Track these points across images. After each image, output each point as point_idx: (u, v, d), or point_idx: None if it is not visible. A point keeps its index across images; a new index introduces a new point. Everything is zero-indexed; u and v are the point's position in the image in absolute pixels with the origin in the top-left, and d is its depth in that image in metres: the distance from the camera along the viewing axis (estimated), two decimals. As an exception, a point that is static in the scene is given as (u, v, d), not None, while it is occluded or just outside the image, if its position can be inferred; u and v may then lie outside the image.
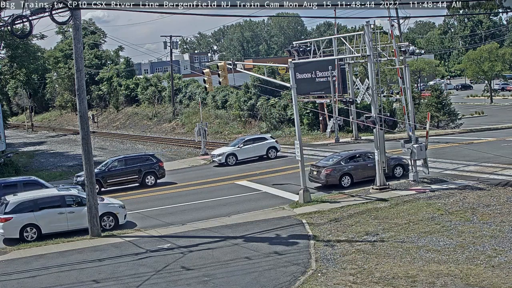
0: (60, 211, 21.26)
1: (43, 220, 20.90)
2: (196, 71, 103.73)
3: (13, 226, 20.61)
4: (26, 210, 20.93)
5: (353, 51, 29.87)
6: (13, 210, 20.75)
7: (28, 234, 20.75)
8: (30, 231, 20.80)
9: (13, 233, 20.73)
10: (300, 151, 23.31)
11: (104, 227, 21.35)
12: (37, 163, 46.42)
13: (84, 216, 20.89)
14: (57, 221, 21.12)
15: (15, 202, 20.97)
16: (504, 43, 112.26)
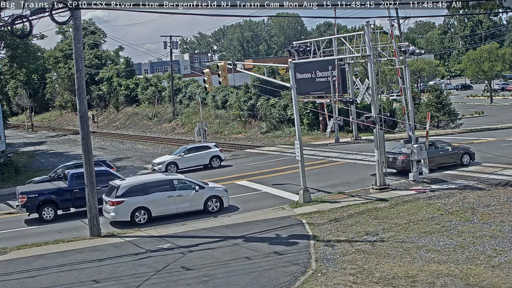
0: (169, 194, 22.35)
1: (153, 203, 21.94)
2: (196, 71, 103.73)
3: (125, 210, 21.60)
4: (137, 194, 21.91)
5: (353, 51, 29.86)
6: (124, 194, 21.71)
7: (139, 217, 21.83)
8: (140, 214, 21.85)
9: (124, 216, 21.76)
10: (300, 151, 23.31)
11: (210, 210, 22.82)
12: (37, 163, 46.44)
13: (191, 199, 22.55)
14: (166, 204, 22.24)
15: (126, 186, 21.98)
16: (504, 43, 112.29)
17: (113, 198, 21.67)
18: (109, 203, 21.82)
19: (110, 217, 21.97)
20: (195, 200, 22.69)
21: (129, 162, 43.65)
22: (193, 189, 22.79)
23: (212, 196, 23.08)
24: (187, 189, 22.72)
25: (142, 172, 36.76)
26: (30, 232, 22.21)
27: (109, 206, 21.80)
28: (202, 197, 22.83)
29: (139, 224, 21.60)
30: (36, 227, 23.00)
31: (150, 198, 22.00)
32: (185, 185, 22.88)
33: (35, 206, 23.41)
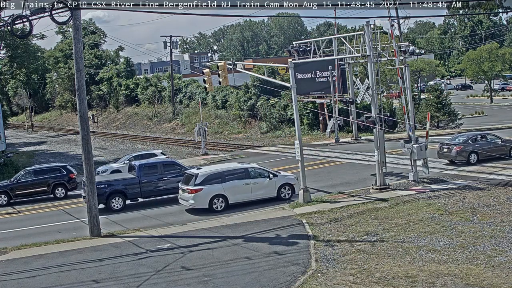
0: (245, 182, 23.51)
1: (230, 191, 23.04)
2: (196, 71, 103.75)
3: (203, 197, 22.68)
4: (215, 182, 22.99)
5: (353, 51, 29.85)
6: (203, 182, 22.78)
7: (217, 205, 22.90)
8: (218, 201, 22.91)
9: (203, 203, 22.85)
10: (300, 151, 23.31)
11: (282, 197, 24.12)
12: (37, 163, 46.38)
13: (266, 186, 23.81)
14: (242, 192, 23.39)
15: (204, 174, 23.07)
16: (504, 43, 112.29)
17: (192, 186, 22.70)
18: (187, 191, 22.87)
19: (188, 205, 23.13)
20: (269, 187, 23.94)
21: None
22: (267, 177, 24.02)
23: (285, 184, 24.38)
24: (261, 177, 23.96)
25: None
26: (30, 232, 22.22)
27: (188, 194, 22.87)
28: (275, 185, 24.10)
29: (217, 211, 22.66)
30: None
31: (227, 186, 23.10)
32: (260, 173, 24.15)
33: (104, 196, 24.19)
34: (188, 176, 23.54)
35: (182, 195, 23.42)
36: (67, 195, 29.35)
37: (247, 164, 25.32)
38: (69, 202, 27.85)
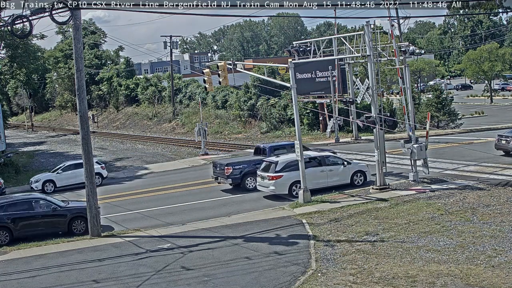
0: (321, 169, 24.68)
1: (308, 178, 23.42)
2: (196, 71, 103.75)
3: (283, 183, 23.85)
4: (294, 169, 23.81)
5: (353, 51, 29.86)
6: (283, 169, 23.93)
7: (296, 191, 23.75)
8: (297, 188, 23.80)
9: (282, 189, 24.05)
10: (300, 151, 23.31)
11: (355, 184, 25.22)
12: (37, 163, 46.43)
13: (340, 173, 24.97)
14: (319, 178, 24.46)
15: (284, 162, 24.17)
16: (504, 43, 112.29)
17: (272, 173, 23.86)
18: (268, 178, 24.01)
19: (269, 191, 24.24)
20: (344, 174, 25.10)
21: (129, 162, 43.65)
22: (341, 164, 25.18)
23: (358, 171, 25.54)
24: (336, 165, 25.01)
25: (142, 172, 36.81)
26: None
27: (268, 181, 24.03)
28: (349, 172, 25.20)
29: (296, 197, 23.44)
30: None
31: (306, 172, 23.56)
32: (335, 161, 25.21)
33: (239, 176, 26.12)
34: (267, 163, 24.61)
35: (261, 182, 24.62)
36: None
37: (323, 152, 26.62)
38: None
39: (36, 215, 21.21)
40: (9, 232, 20.94)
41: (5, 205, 21.40)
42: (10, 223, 20.90)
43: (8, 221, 20.89)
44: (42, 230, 21.17)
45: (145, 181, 33.63)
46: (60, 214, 21.60)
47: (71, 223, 21.60)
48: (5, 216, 20.94)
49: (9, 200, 22.03)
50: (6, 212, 21.03)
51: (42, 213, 21.41)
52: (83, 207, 21.68)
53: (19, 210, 21.17)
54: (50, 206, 21.61)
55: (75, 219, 21.60)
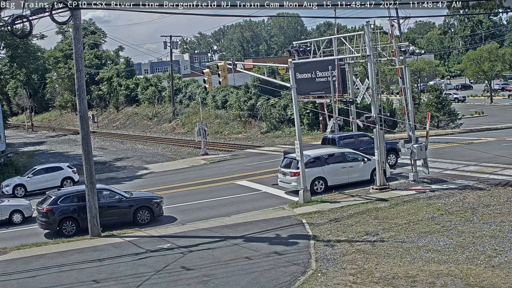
0: (342, 165, 25.01)
1: (329, 174, 24.49)
2: (196, 71, 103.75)
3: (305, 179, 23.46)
4: (315, 165, 24.42)
5: (353, 51, 29.80)
6: (305, 165, 23.76)
7: (317, 186, 24.38)
8: (318, 183, 24.38)
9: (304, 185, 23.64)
10: (300, 151, 23.30)
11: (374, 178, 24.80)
12: (37, 163, 46.34)
13: (361, 170, 25.23)
14: (340, 174, 24.81)
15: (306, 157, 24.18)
16: (504, 43, 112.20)
17: (294, 169, 23.94)
18: (290, 174, 24.25)
19: (291, 187, 24.47)
20: (364, 170, 25.29)
21: (129, 162, 43.65)
22: (361, 161, 25.39)
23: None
24: (357, 161, 25.21)
25: (142, 172, 36.80)
26: (30, 232, 22.22)
27: (290, 177, 24.25)
28: (369, 168, 25.21)
29: (317, 193, 23.96)
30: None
31: (326, 169, 24.59)
32: (355, 157, 25.37)
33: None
34: (289, 160, 24.78)
35: (283, 178, 24.92)
36: None
37: (343, 149, 26.77)
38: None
39: (102, 205, 21.41)
40: (76, 223, 21.42)
41: (72, 196, 21.83)
42: (77, 214, 21.30)
43: (74, 212, 21.34)
44: (107, 221, 21.52)
45: (145, 181, 33.63)
46: (126, 205, 22.12)
47: (136, 213, 22.10)
48: (72, 207, 21.40)
49: (76, 191, 22.33)
50: (72, 203, 21.54)
51: (108, 204, 21.88)
52: (147, 197, 22.76)
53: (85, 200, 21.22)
54: (115, 196, 22.17)
55: (140, 209, 22.14)
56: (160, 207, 22.64)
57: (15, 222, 23.93)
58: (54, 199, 21.52)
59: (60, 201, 21.44)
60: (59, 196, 21.75)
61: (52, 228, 21.46)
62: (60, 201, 21.46)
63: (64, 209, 21.27)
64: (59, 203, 21.39)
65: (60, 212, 21.23)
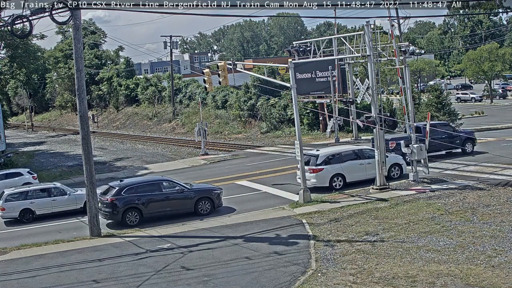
0: (360, 162, 25.48)
1: (347, 170, 25.01)
2: (196, 71, 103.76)
3: (324, 176, 24.74)
4: (334, 162, 25.03)
5: (353, 51, 29.86)
6: (324, 162, 24.87)
7: (336, 183, 24.88)
8: (337, 180, 24.88)
9: (323, 182, 24.86)
10: (300, 151, 23.30)
11: (392, 176, 25.84)
12: (37, 163, 46.40)
13: None
14: (358, 171, 25.27)
15: (324, 155, 25.24)
16: (504, 43, 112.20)
17: (314, 166, 24.65)
18: (309, 171, 24.48)
19: (310, 184, 24.43)
20: None
21: (129, 162, 43.63)
22: None
23: (395, 164, 26.19)
24: (374, 158, 24.90)
25: (142, 172, 36.77)
26: (30, 232, 22.23)
27: (310, 174, 24.51)
28: (386, 165, 25.45)
29: (336, 189, 24.55)
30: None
31: (345, 166, 25.08)
32: (372, 154, 25.29)
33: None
34: (308, 157, 25.10)
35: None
36: None
37: (360, 146, 27.81)
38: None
39: (165, 196, 22.22)
40: (139, 213, 21.96)
41: (135, 187, 22.31)
42: (141, 204, 21.88)
43: (138, 202, 21.88)
44: (170, 211, 22.27)
45: (145, 181, 33.55)
46: (187, 195, 22.71)
47: (197, 204, 22.69)
48: (136, 198, 21.91)
49: (139, 182, 23.18)
50: (137, 193, 22.06)
51: (171, 195, 22.49)
52: (208, 188, 23.66)
53: (148, 191, 22.19)
54: (176, 187, 22.79)
55: (201, 200, 22.74)
56: (219, 198, 23.29)
57: None
58: (118, 190, 22.09)
59: (124, 192, 21.98)
60: (123, 187, 22.28)
61: (116, 219, 21.96)
62: (124, 191, 22.00)
63: (128, 200, 21.78)
64: (123, 193, 21.93)
65: (124, 203, 21.74)
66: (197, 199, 22.69)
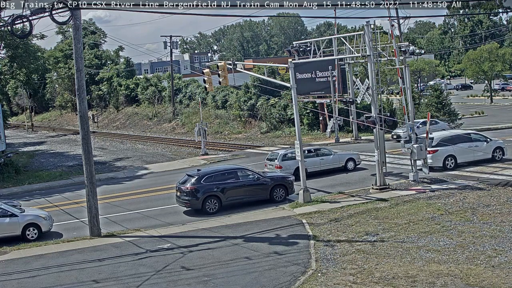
0: (469, 145, 27.79)
1: (458, 152, 27.30)
2: (196, 71, 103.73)
3: (438, 157, 27.12)
4: (447, 144, 27.40)
5: (353, 51, 29.82)
6: (438, 144, 27.34)
7: (449, 164, 27.30)
8: (449, 161, 27.32)
9: (438, 162, 27.19)
10: (300, 151, 23.31)
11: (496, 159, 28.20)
12: (37, 163, 46.40)
13: (484, 149, 28.01)
14: (466, 153, 27.56)
15: (439, 138, 27.72)
16: (504, 43, 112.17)
17: (430, 147, 26.32)
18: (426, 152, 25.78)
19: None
20: (486, 149, 28.14)
21: (129, 162, 43.62)
22: (484, 141, 28.49)
23: (497, 147, 28.56)
24: (480, 141, 28.23)
25: (142, 172, 36.77)
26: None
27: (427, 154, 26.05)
28: (491, 147, 28.29)
29: (448, 169, 26.98)
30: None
31: (456, 148, 27.19)
32: (479, 138, 28.34)
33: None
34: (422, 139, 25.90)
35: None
36: None
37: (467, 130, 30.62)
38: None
39: (242, 184, 23.34)
40: (218, 201, 22.98)
41: (214, 175, 23.08)
42: (219, 192, 22.89)
43: (217, 190, 22.89)
44: (247, 198, 23.40)
45: (145, 181, 33.62)
46: (263, 183, 23.80)
47: (273, 191, 23.81)
48: (215, 186, 22.93)
49: (217, 170, 24.11)
50: (215, 181, 23.07)
51: (247, 182, 23.60)
52: (282, 176, 24.74)
53: (226, 179, 23.22)
54: (250, 175, 23.79)
55: (276, 187, 23.92)
56: (292, 186, 24.33)
57: None
58: (198, 178, 22.91)
59: (203, 180, 22.76)
60: (202, 175, 23.09)
61: (196, 206, 22.90)
62: (203, 180, 22.78)
63: (208, 188, 22.78)
64: (202, 182, 22.70)
65: (204, 191, 22.57)
66: (272, 186, 23.78)
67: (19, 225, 20.77)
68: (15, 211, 21.28)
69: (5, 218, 20.81)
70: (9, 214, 20.94)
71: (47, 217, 21.38)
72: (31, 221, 20.98)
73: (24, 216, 21.10)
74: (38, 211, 22.71)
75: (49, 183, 34.70)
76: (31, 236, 20.82)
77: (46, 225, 21.22)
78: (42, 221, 21.23)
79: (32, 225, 20.94)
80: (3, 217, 20.83)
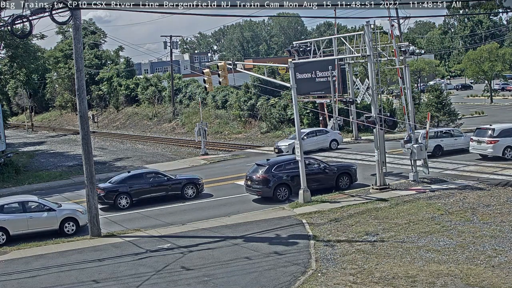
0: None
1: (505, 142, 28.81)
2: (196, 71, 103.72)
3: (499, 147, 28.82)
4: (506, 136, 28.90)
5: (353, 51, 29.81)
6: (499, 135, 28.91)
7: (507, 154, 28.74)
8: (507, 151, 28.67)
9: (498, 152, 28.89)
10: (300, 151, 23.30)
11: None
12: (37, 163, 46.42)
13: None
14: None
15: (500, 129, 29.21)
16: (504, 43, 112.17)
17: (490, 138, 28.89)
18: (486, 142, 29.11)
19: (487, 153, 29.25)
20: None
21: (129, 162, 43.63)
22: None
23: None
24: None
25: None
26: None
27: (486, 144, 29.07)
28: None
29: (507, 159, 28.39)
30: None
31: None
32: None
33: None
34: (484, 130, 29.28)
35: (477, 146, 29.67)
36: None
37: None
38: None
39: (311, 172, 24.07)
40: (288, 189, 23.94)
41: (283, 164, 24.28)
42: (289, 180, 23.83)
43: (287, 178, 23.82)
44: (315, 186, 24.05)
45: (145, 181, 33.53)
46: (329, 171, 24.98)
47: (338, 179, 24.98)
48: (284, 174, 23.87)
49: (285, 160, 24.95)
50: (284, 170, 23.97)
51: (316, 170, 24.71)
52: (347, 165, 26.32)
53: (294, 168, 23.67)
54: (315, 164, 24.90)
55: (341, 175, 25.09)
56: (356, 174, 25.45)
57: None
58: (268, 167, 23.66)
59: (274, 169, 23.43)
60: (272, 164, 23.82)
61: (267, 194, 23.78)
62: (274, 169, 23.45)
63: (278, 176, 23.72)
64: (273, 171, 23.37)
65: (275, 180, 23.63)
66: (338, 174, 24.83)
67: (57, 220, 20.89)
68: (52, 206, 21.38)
69: (43, 212, 20.89)
70: (46, 209, 21.03)
71: (84, 211, 21.34)
72: (69, 215, 21.11)
73: (62, 211, 21.19)
74: (75, 205, 22.80)
75: (49, 183, 34.70)
76: (69, 230, 20.93)
77: (83, 219, 21.22)
78: (80, 215, 21.30)
79: (70, 219, 21.08)
80: (40, 211, 20.90)
